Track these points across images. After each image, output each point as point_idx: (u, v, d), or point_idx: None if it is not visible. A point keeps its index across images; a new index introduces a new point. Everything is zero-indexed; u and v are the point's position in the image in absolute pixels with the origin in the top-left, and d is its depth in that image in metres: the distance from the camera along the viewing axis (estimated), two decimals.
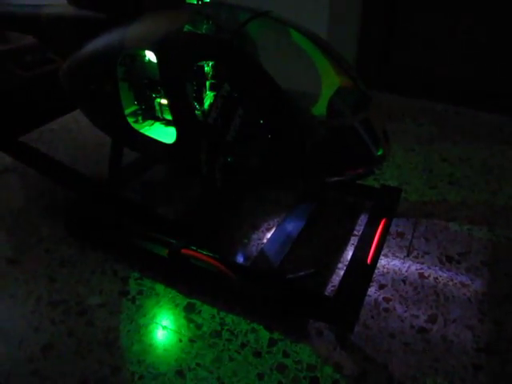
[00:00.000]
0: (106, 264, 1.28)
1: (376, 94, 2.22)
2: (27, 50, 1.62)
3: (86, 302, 1.17)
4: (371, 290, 1.19)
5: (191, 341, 1.06)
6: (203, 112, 1.04)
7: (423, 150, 1.87)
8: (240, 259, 1.28)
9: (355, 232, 1.38)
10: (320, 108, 1.06)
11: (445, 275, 1.25)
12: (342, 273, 1.20)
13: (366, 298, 1.15)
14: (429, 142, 1.94)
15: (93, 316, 1.13)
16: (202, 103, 1.04)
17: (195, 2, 1.10)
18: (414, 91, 2.27)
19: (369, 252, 1.17)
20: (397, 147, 1.86)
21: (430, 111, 2.19)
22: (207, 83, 1.04)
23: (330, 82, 1.06)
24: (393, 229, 1.39)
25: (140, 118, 1.22)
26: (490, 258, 1.32)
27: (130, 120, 1.19)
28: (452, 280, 1.24)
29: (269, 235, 1.35)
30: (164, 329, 1.10)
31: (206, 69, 1.03)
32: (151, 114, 1.22)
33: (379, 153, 1.05)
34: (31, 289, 1.21)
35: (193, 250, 1.15)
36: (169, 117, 1.18)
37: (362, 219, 1.42)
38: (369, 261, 1.15)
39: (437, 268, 1.28)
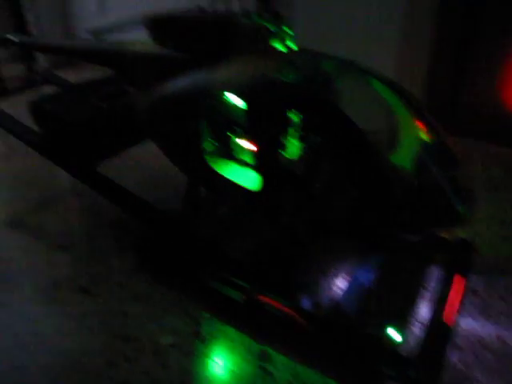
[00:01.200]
0: (177, 302, 1.29)
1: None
2: (104, 82, 1.69)
3: (159, 340, 1.18)
4: (449, 353, 1.15)
5: None
6: (290, 162, 1.05)
7: (493, 199, 1.81)
8: (312, 307, 1.26)
9: (426, 286, 1.34)
10: (407, 160, 1.04)
11: None
12: (416, 330, 1.17)
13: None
14: (499, 190, 1.88)
15: (166, 356, 1.14)
16: (288, 152, 1.05)
17: (281, 48, 1.11)
18: (481, 134, 2.22)
19: (447, 312, 1.14)
20: None
21: (497, 156, 2.13)
22: (294, 132, 1.04)
23: (416, 135, 1.05)
24: (466, 285, 1.35)
25: (218, 158, 1.24)
26: None
27: (209, 160, 1.21)
28: None
29: (339, 283, 1.34)
30: (236, 375, 1.10)
31: (294, 118, 1.04)
32: (229, 155, 1.24)
33: (464, 210, 1.03)
34: (106, 323, 1.24)
35: (268, 296, 1.15)
36: (247, 159, 1.19)
37: (434, 272, 1.38)
38: (448, 322, 1.12)
39: None
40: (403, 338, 1.12)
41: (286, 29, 1.10)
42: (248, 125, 1.09)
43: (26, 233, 1.61)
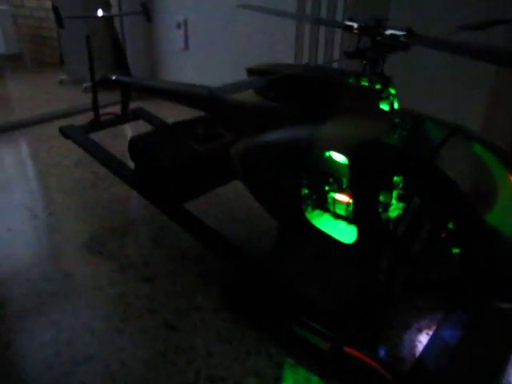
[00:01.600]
0: (261, 345, 1.31)
1: None
2: (197, 122, 1.77)
3: (243, 382, 1.20)
4: None
5: None
6: (389, 220, 1.06)
7: None
8: (396, 362, 1.25)
9: None
10: (507, 226, 1.03)
11: None
12: None
13: None
14: None
15: None
16: (389, 211, 1.06)
17: (387, 108, 1.14)
18: None
19: None
20: None
21: None
22: (395, 192, 1.06)
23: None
24: None
25: (311, 208, 1.27)
26: None
27: (303, 210, 1.24)
28: None
29: (425, 340, 1.31)
30: None
31: (397, 179, 1.05)
32: (322, 206, 1.26)
33: None
34: (191, 360, 1.28)
35: (355, 349, 1.15)
36: (341, 212, 1.21)
37: None
38: None
39: None
40: None
41: (392, 90, 1.13)
42: (352, 182, 1.12)
43: (111, 261, 1.68)
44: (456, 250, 1.03)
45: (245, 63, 1.49)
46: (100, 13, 1.91)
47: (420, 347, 1.30)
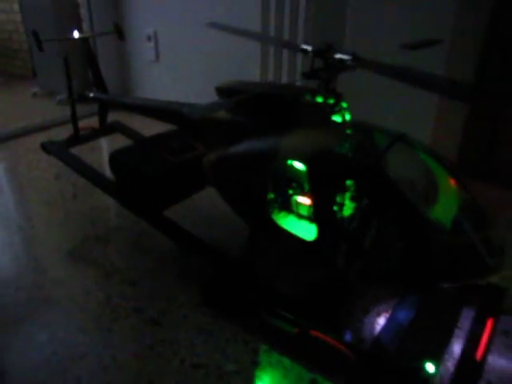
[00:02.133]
0: (238, 334, 1.47)
1: (479, 184, 2.35)
2: (171, 136, 1.92)
3: (223, 367, 1.36)
4: None
5: None
6: (343, 218, 1.23)
7: None
8: (356, 342, 1.43)
9: (459, 325, 1.48)
10: (446, 221, 1.20)
11: None
12: (449, 365, 1.31)
13: None
14: None
15: (230, 381, 1.31)
16: (343, 211, 1.23)
17: (339, 120, 1.31)
18: None
19: (478, 349, 1.29)
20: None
21: None
22: (349, 194, 1.23)
23: (454, 199, 1.22)
24: (497, 326, 1.48)
25: (277, 210, 1.43)
26: None
27: (270, 212, 1.40)
28: None
29: (381, 322, 1.49)
30: None
31: (349, 183, 1.22)
32: (287, 208, 1.43)
33: (494, 265, 1.19)
34: (176, 350, 1.42)
35: (320, 332, 1.32)
36: (303, 213, 1.38)
37: (468, 314, 1.52)
38: (478, 359, 1.26)
39: None
40: (437, 371, 1.27)
41: (343, 104, 1.30)
42: (310, 186, 1.29)
43: (97, 267, 1.82)
44: (401, 242, 1.20)
45: (214, 74, 1.65)
46: (76, 34, 2.03)
47: (378, 329, 1.47)
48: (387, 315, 1.51)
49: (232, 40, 1.74)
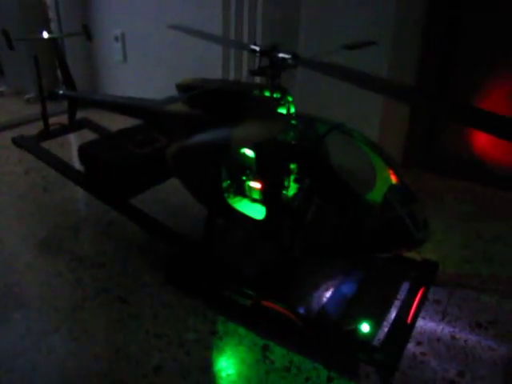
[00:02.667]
0: (198, 308, 1.62)
1: (422, 173, 2.56)
2: (137, 130, 2.06)
3: (184, 336, 1.51)
4: (410, 346, 1.47)
5: (266, 373, 1.38)
6: (288, 198, 1.40)
7: (462, 227, 2.15)
8: (304, 311, 1.59)
9: (398, 297, 1.67)
10: (376, 198, 1.38)
11: (474, 339, 1.52)
12: (386, 328, 1.49)
13: (406, 351, 1.43)
14: (467, 220, 2.22)
15: (190, 348, 1.46)
16: (287, 191, 1.40)
17: (284, 113, 1.47)
18: (456, 173, 2.58)
19: (410, 314, 1.47)
20: (438, 224, 2.15)
21: (470, 192, 2.48)
22: (292, 177, 1.40)
23: (385, 179, 1.39)
24: (430, 296, 1.67)
25: (232, 194, 1.59)
26: None
27: (225, 196, 1.56)
28: (480, 343, 1.50)
29: (328, 294, 1.66)
30: (244, 362, 1.42)
31: (292, 166, 1.39)
32: (241, 193, 1.59)
33: (420, 237, 1.37)
34: (141, 323, 1.57)
35: (271, 302, 1.48)
36: (256, 196, 1.54)
37: (405, 286, 1.71)
38: (409, 322, 1.45)
39: (467, 332, 1.54)
40: (374, 332, 1.45)
41: (288, 98, 1.46)
42: (257, 170, 1.45)
43: (68, 253, 1.94)
44: (337, 218, 1.37)
45: (178, 74, 1.79)
46: (45, 35, 2.15)
47: (324, 299, 1.64)
48: (333, 288, 1.68)
49: (195, 41, 1.89)
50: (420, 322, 1.56)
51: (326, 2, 2.30)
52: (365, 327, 1.43)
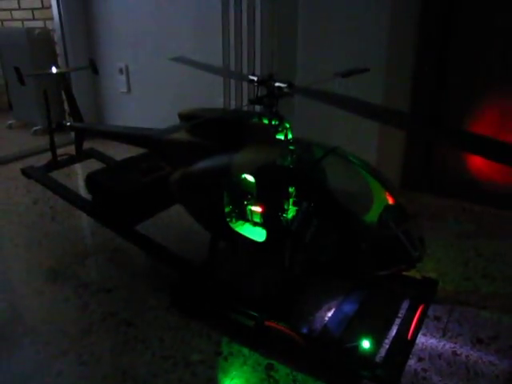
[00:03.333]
0: (202, 330, 1.65)
1: (421, 195, 2.62)
2: (141, 159, 2.13)
3: (189, 358, 1.54)
4: (412, 362, 1.49)
5: None
6: (287, 221, 1.45)
7: (461, 246, 2.19)
8: (307, 330, 1.63)
9: (399, 314, 1.70)
10: (372, 219, 1.43)
11: (475, 354, 1.54)
12: (387, 345, 1.52)
13: (408, 367, 1.46)
14: (467, 239, 2.26)
15: (196, 369, 1.50)
16: (286, 214, 1.45)
17: (282, 138, 1.54)
18: (453, 193, 2.63)
19: (410, 331, 1.50)
20: (438, 242, 2.19)
21: (469, 211, 2.52)
22: (291, 200, 1.45)
23: (380, 200, 1.45)
24: (431, 313, 1.70)
25: (234, 219, 1.64)
26: None
27: (228, 221, 1.61)
28: (481, 359, 1.52)
29: (330, 313, 1.70)
30: (250, 382, 1.45)
31: (290, 190, 1.45)
32: (243, 217, 1.64)
33: (417, 254, 1.41)
34: (147, 346, 1.60)
35: (274, 322, 1.52)
36: (257, 220, 1.59)
37: (405, 304, 1.74)
38: (410, 338, 1.48)
39: (468, 348, 1.56)
40: (375, 349, 1.48)
41: (286, 124, 1.53)
42: (258, 195, 1.51)
43: (75, 279, 1.99)
44: (335, 239, 1.41)
45: (181, 104, 1.87)
46: (54, 70, 2.24)
47: (326, 319, 1.68)
48: (335, 307, 1.72)
49: (197, 72, 1.97)
50: (421, 339, 1.59)
51: (321, 33, 2.39)
52: (366, 344, 1.46)
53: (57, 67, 2.35)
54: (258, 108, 1.54)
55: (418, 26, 2.44)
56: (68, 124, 2.27)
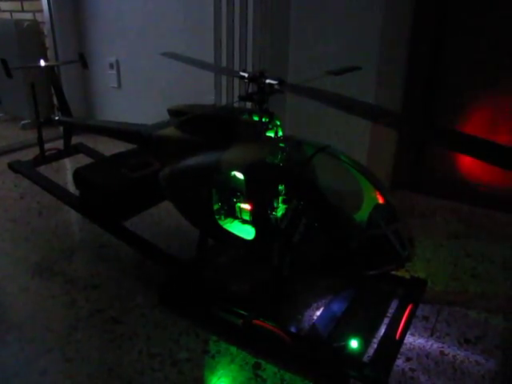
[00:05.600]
0: (190, 328, 1.64)
1: (410, 195, 2.62)
2: (130, 154, 2.11)
3: (176, 356, 1.53)
4: (400, 362, 1.49)
5: None
6: (276, 219, 1.44)
7: (450, 246, 2.20)
8: (295, 329, 1.62)
9: (388, 314, 1.70)
10: (362, 218, 1.43)
11: (462, 354, 1.54)
12: (375, 345, 1.52)
13: (396, 367, 1.46)
14: (456, 239, 2.27)
15: (183, 367, 1.48)
16: (276, 212, 1.44)
17: (272, 136, 1.53)
18: (443, 193, 2.63)
19: (398, 331, 1.50)
20: (427, 243, 2.19)
21: (457, 211, 2.53)
22: (280, 198, 1.44)
23: (370, 199, 1.44)
24: (419, 313, 1.70)
25: (223, 216, 1.63)
26: (503, 343, 1.60)
27: (216, 218, 1.60)
28: (468, 358, 1.53)
29: (318, 313, 1.69)
30: (237, 380, 1.44)
31: (280, 188, 1.44)
32: (231, 214, 1.62)
33: (406, 254, 1.40)
34: (134, 343, 1.58)
35: (262, 321, 1.51)
36: (246, 217, 1.58)
37: (394, 304, 1.74)
38: (398, 338, 1.48)
39: (455, 347, 1.57)
40: (363, 349, 1.48)
41: (276, 121, 1.52)
42: (247, 192, 1.49)
43: (62, 275, 1.96)
44: (324, 238, 1.41)
45: (172, 100, 1.86)
46: (42, 63, 2.21)
47: (314, 318, 1.67)
48: (323, 306, 1.71)
49: (188, 68, 1.95)
50: (409, 339, 1.59)
51: (313, 30, 2.38)
52: (354, 344, 1.46)
53: (46, 60, 2.31)
54: (248, 105, 1.52)
55: (411, 25, 2.44)
56: (56, 118, 2.24)
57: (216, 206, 1.58)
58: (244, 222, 1.58)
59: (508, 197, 2.49)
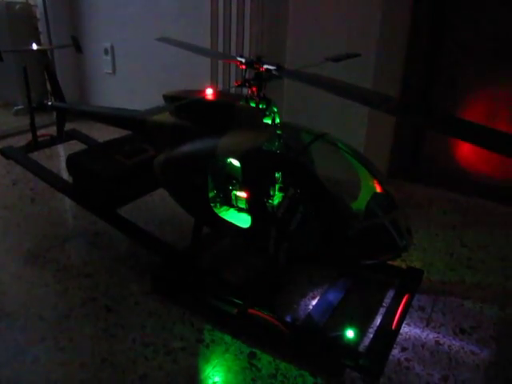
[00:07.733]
0: (184, 316, 1.62)
1: (408, 184, 2.60)
2: (125, 140, 2.08)
3: (170, 345, 1.51)
4: (395, 352, 1.48)
5: (253, 380, 1.39)
6: (273, 207, 1.41)
7: (446, 236, 2.19)
8: (291, 318, 1.61)
9: (384, 304, 1.69)
10: (359, 206, 1.41)
11: (457, 344, 1.54)
12: (371, 335, 1.51)
13: (391, 357, 1.45)
14: (452, 229, 2.25)
15: (177, 356, 1.47)
16: (272, 200, 1.42)
17: (269, 123, 1.50)
18: (440, 184, 2.62)
19: (394, 321, 1.49)
20: (423, 232, 2.18)
21: (454, 202, 2.52)
22: (277, 186, 1.42)
23: (368, 188, 1.42)
24: (415, 303, 1.69)
25: (218, 204, 1.60)
26: (498, 333, 1.59)
27: (212, 206, 1.57)
28: (463, 348, 1.52)
29: (314, 302, 1.68)
30: (231, 369, 1.42)
31: (277, 175, 1.41)
32: (227, 202, 1.60)
33: (403, 244, 1.39)
34: (127, 332, 1.57)
35: (257, 310, 1.49)
36: (242, 205, 1.56)
37: (390, 294, 1.73)
38: (394, 328, 1.47)
39: (451, 337, 1.56)
40: (359, 339, 1.47)
41: (274, 108, 1.49)
42: (243, 180, 1.47)
43: (55, 263, 1.94)
44: (321, 226, 1.39)
45: (167, 86, 1.82)
46: (34, 46, 2.17)
47: (310, 307, 1.66)
48: (319, 296, 1.70)
49: (184, 53, 1.92)
50: (405, 329, 1.58)
51: (312, 15, 2.34)
52: (350, 333, 1.45)
53: (38, 44, 2.27)
54: (245, 91, 1.49)
55: (411, 10, 2.40)
56: (49, 103, 2.20)
57: (212, 194, 1.56)
58: (240, 209, 1.56)
59: (505, 188, 2.48)
